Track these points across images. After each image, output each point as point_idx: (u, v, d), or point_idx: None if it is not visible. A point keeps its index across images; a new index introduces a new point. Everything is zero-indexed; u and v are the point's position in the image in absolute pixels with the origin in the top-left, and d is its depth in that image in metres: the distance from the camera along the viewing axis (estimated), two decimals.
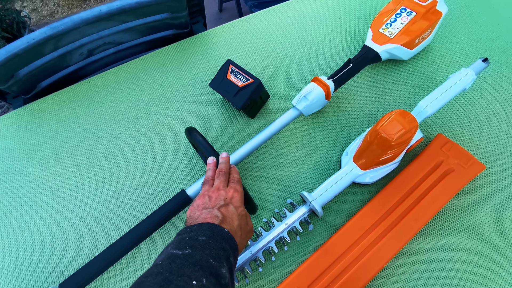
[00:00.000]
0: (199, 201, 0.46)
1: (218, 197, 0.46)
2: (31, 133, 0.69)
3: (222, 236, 0.39)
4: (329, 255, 0.54)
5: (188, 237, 0.38)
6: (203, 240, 0.37)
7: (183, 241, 0.37)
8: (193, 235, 0.38)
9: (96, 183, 0.64)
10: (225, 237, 0.39)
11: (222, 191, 0.47)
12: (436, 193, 0.57)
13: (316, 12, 0.83)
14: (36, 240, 0.59)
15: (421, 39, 0.70)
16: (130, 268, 0.57)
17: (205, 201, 0.45)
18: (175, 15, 0.74)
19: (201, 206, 0.44)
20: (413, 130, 0.53)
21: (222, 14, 2.00)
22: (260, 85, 0.63)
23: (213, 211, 0.43)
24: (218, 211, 0.43)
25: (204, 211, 0.43)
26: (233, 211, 0.44)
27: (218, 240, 0.38)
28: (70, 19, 0.63)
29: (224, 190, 0.47)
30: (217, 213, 0.42)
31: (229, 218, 0.42)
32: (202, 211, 0.43)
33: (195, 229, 0.39)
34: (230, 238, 0.40)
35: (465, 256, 0.57)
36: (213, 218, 0.41)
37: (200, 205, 0.45)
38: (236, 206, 0.45)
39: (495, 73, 0.73)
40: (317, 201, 0.56)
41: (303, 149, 0.67)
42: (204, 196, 0.46)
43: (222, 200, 0.45)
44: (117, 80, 0.75)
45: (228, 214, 0.43)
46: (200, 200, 0.46)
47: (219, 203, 0.44)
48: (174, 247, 0.36)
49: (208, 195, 0.46)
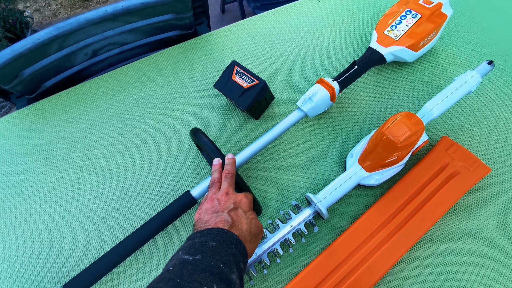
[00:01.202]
0: (208, 204, 0.45)
1: (227, 200, 0.45)
2: (35, 133, 0.69)
3: (232, 241, 0.39)
4: (334, 258, 0.54)
5: (198, 242, 0.37)
6: (213, 245, 0.37)
7: (193, 247, 0.37)
8: (203, 240, 0.38)
9: (100, 184, 0.64)
10: (235, 243, 0.39)
11: (232, 194, 0.47)
12: (441, 196, 0.57)
13: (320, 13, 0.83)
14: (40, 240, 0.59)
15: (426, 41, 0.70)
16: (134, 269, 0.57)
17: (214, 204, 0.45)
18: (180, 16, 0.74)
19: (210, 210, 0.44)
20: (419, 132, 0.53)
21: (225, 15, 2.00)
22: (266, 86, 0.63)
23: (222, 215, 0.42)
24: (228, 215, 0.42)
25: (214, 214, 0.43)
26: (242, 215, 0.44)
27: (228, 245, 0.38)
28: (75, 19, 0.63)
29: (233, 193, 0.47)
30: (226, 217, 0.42)
31: (238, 223, 0.42)
32: (211, 214, 0.43)
33: (205, 234, 0.39)
34: (239, 243, 0.39)
35: (471, 259, 0.56)
36: (222, 222, 0.41)
37: (209, 209, 0.44)
38: (245, 210, 0.45)
39: (500, 75, 0.73)
40: (323, 203, 0.56)
41: (308, 151, 0.66)
42: (213, 199, 0.46)
43: (231, 204, 0.45)
44: (121, 81, 0.75)
45: (237, 219, 0.43)
46: (209, 203, 0.45)
47: (229, 206, 0.44)
48: (185, 252, 0.36)
49: (217, 199, 0.46)
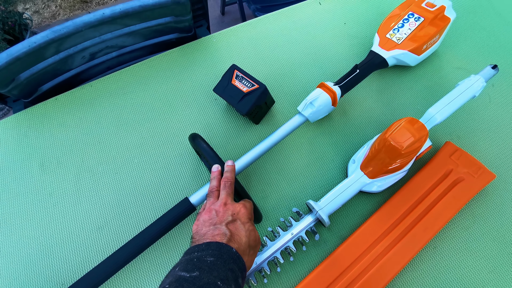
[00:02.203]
0: (206, 216, 0.44)
1: (225, 212, 0.44)
2: (31, 138, 0.68)
3: (230, 256, 0.37)
4: (336, 266, 0.53)
5: (195, 257, 0.36)
6: (211, 261, 0.36)
7: (190, 263, 0.36)
8: (201, 255, 0.37)
9: (97, 190, 0.63)
10: (233, 257, 0.38)
11: (230, 205, 0.45)
12: (445, 203, 0.56)
13: (321, 16, 0.82)
14: (36, 247, 0.58)
15: (429, 45, 0.69)
16: (132, 277, 0.56)
17: (212, 216, 0.44)
18: (179, 18, 0.74)
19: (208, 222, 0.43)
20: (423, 138, 0.52)
21: (225, 17, 1.99)
22: (266, 91, 0.62)
23: (220, 227, 0.41)
24: (226, 228, 0.41)
25: (212, 227, 0.42)
26: (241, 228, 0.42)
27: (226, 260, 0.36)
28: (72, 23, 0.62)
29: (231, 204, 0.45)
30: (225, 230, 0.41)
31: (237, 236, 0.41)
32: (209, 227, 0.42)
33: (203, 248, 0.38)
34: (238, 258, 0.38)
35: (476, 268, 0.55)
36: (220, 236, 0.40)
37: (207, 221, 0.43)
38: (244, 221, 0.43)
39: (503, 80, 0.72)
40: (324, 210, 0.55)
41: (309, 156, 0.65)
42: (211, 211, 0.44)
43: (229, 216, 0.43)
44: (119, 84, 0.74)
45: (236, 231, 0.41)
46: (207, 215, 0.44)
47: (227, 218, 0.43)
48: (182, 268, 0.35)
49: (215, 210, 0.44)
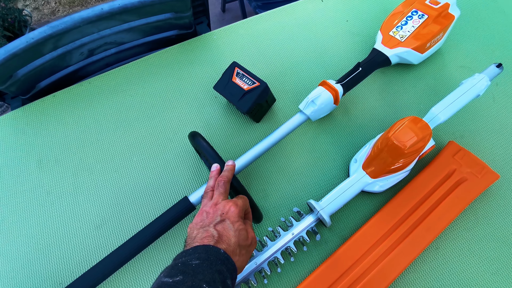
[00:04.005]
0: (198, 218, 0.43)
1: (215, 212, 0.43)
2: (29, 135, 0.67)
3: (217, 257, 0.36)
4: (337, 267, 0.52)
5: (180, 262, 0.36)
6: (196, 264, 0.35)
7: (175, 268, 0.35)
8: (186, 260, 0.36)
9: (95, 188, 0.62)
10: (221, 258, 0.37)
11: (220, 205, 0.44)
12: (448, 203, 0.55)
13: (323, 14, 0.81)
14: (33, 246, 0.57)
15: (433, 43, 0.68)
16: (131, 277, 0.55)
17: (203, 218, 0.43)
18: (179, 15, 0.72)
19: (198, 224, 0.42)
20: (426, 138, 0.51)
21: (225, 14, 1.98)
22: (267, 89, 0.61)
23: (209, 229, 0.40)
24: (214, 229, 0.40)
25: (201, 230, 0.41)
26: (229, 228, 0.41)
27: (213, 262, 0.36)
28: (70, 18, 0.61)
29: (222, 203, 0.44)
30: (212, 231, 0.40)
31: (225, 237, 0.40)
32: (199, 230, 0.41)
33: (189, 253, 0.37)
34: (226, 258, 0.37)
35: (479, 269, 0.54)
36: (208, 238, 0.39)
37: (198, 223, 0.42)
38: (233, 221, 0.42)
39: (508, 79, 0.71)
40: (325, 210, 0.54)
41: (310, 155, 0.64)
42: (202, 213, 0.44)
43: (218, 216, 0.42)
44: (118, 81, 0.73)
45: (224, 232, 0.40)
46: (199, 217, 0.43)
47: (215, 219, 0.42)
48: (166, 274, 0.35)
49: (206, 211, 0.44)
